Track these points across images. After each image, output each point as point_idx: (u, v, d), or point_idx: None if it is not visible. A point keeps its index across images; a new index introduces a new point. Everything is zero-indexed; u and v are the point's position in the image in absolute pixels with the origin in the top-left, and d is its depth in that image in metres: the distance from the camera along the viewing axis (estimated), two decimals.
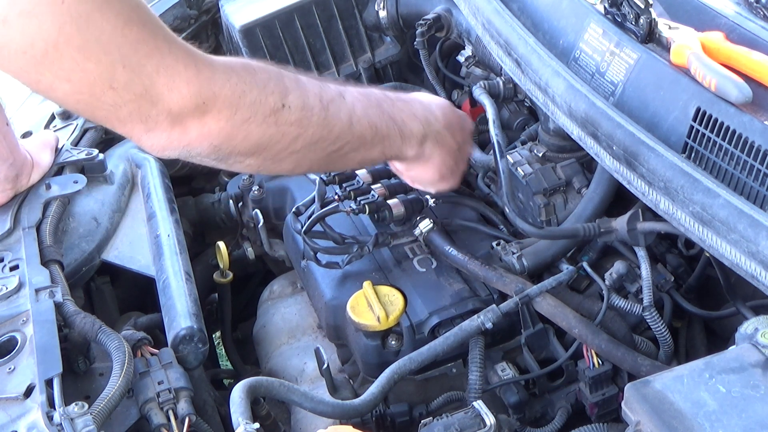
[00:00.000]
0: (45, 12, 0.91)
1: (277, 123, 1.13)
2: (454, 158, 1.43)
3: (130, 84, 0.99)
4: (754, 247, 0.99)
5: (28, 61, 0.94)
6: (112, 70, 0.97)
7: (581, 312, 1.32)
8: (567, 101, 1.26)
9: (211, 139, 1.08)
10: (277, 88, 1.13)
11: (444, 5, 1.82)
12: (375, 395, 1.24)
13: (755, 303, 1.25)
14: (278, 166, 1.21)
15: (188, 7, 2.14)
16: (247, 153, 1.14)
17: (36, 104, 1.93)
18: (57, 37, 0.93)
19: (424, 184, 1.47)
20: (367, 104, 1.26)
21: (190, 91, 1.03)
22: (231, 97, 1.07)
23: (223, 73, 1.07)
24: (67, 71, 0.95)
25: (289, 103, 1.13)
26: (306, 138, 1.17)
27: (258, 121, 1.10)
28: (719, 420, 0.84)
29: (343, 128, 1.21)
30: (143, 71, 0.99)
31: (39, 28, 0.92)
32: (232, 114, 1.07)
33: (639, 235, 1.28)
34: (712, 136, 1.09)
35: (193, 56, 1.05)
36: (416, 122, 1.33)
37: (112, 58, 0.96)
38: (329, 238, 1.48)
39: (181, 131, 1.05)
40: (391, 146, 1.31)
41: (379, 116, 1.27)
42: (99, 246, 1.60)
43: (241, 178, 1.83)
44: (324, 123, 1.18)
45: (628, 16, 1.24)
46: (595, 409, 1.29)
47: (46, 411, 1.15)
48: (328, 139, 1.20)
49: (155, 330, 1.49)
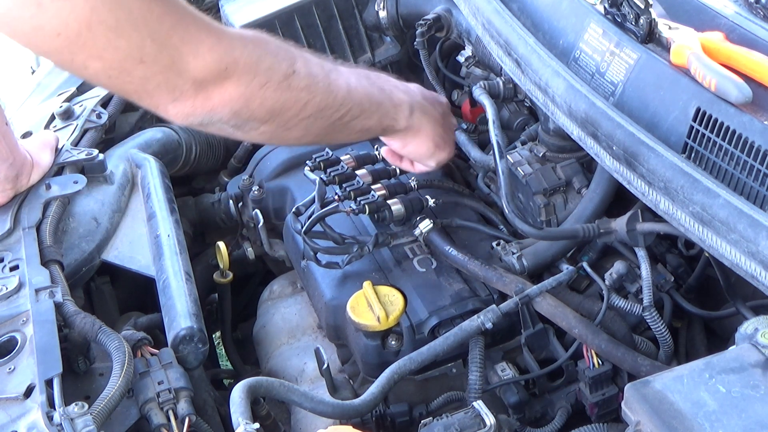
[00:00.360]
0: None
1: (290, 88, 1.19)
2: (442, 126, 1.48)
3: (158, 56, 1.03)
4: (754, 247, 0.99)
5: (62, 42, 0.97)
6: (141, 45, 1.01)
7: (581, 312, 1.32)
8: (567, 101, 1.26)
9: (232, 104, 1.13)
10: (287, 56, 1.20)
11: (444, 5, 1.82)
12: (375, 395, 1.24)
13: (755, 303, 1.25)
14: (289, 133, 1.25)
15: None
16: (263, 119, 1.19)
17: (36, 104, 1.93)
18: (90, 18, 0.96)
19: (423, 158, 1.50)
20: (358, 75, 1.33)
21: (213, 58, 1.08)
22: (249, 63, 1.13)
23: (240, 41, 1.13)
24: (99, 49, 0.99)
25: (298, 70, 1.19)
26: (314, 104, 1.23)
27: (273, 87, 1.16)
28: (719, 420, 0.84)
29: (345, 95, 1.27)
30: (170, 43, 1.04)
31: (72, 9, 0.95)
32: (251, 79, 1.13)
33: (639, 236, 1.28)
34: (712, 136, 1.09)
35: (212, 25, 1.10)
36: (400, 92, 1.40)
37: (141, 33, 1.00)
38: (329, 238, 1.48)
39: (204, 98, 1.10)
40: (387, 114, 1.37)
41: (370, 86, 1.34)
42: (99, 246, 1.59)
43: (241, 178, 1.83)
44: (328, 90, 1.24)
45: (628, 16, 1.24)
46: (595, 409, 1.29)
47: (46, 411, 1.15)
48: (333, 106, 1.26)
49: (155, 330, 1.49)
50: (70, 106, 1.80)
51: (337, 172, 1.53)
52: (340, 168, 1.54)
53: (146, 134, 1.87)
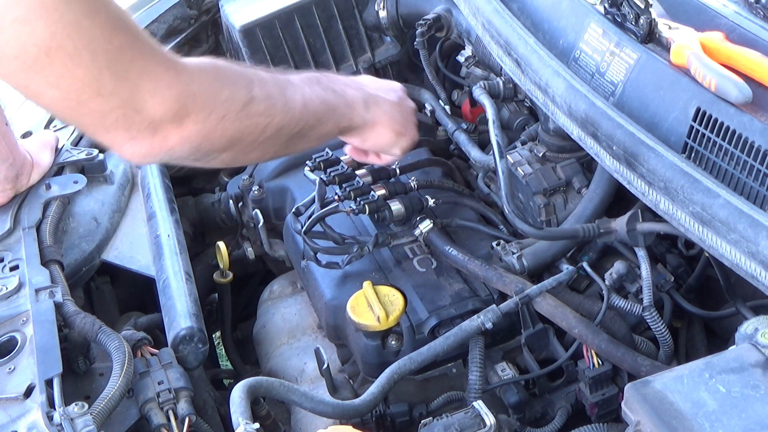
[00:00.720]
0: (38, 19, 0.92)
1: (249, 115, 1.15)
2: (399, 112, 1.45)
3: (116, 89, 0.99)
4: (754, 247, 0.99)
5: (19, 66, 0.95)
6: (99, 76, 0.98)
7: (581, 312, 1.32)
8: (567, 101, 1.26)
9: (191, 141, 1.09)
10: (243, 82, 1.16)
11: (444, 5, 1.82)
12: (375, 395, 1.24)
13: (755, 303, 1.25)
14: (247, 157, 1.25)
15: (188, 7, 2.14)
16: (223, 148, 1.16)
17: (36, 104, 1.92)
18: (49, 43, 0.93)
19: (386, 148, 1.48)
20: (310, 83, 1.30)
21: (172, 96, 1.04)
22: (208, 97, 1.09)
23: (198, 74, 1.09)
24: (56, 77, 0.96)
25: (255, 95, 1.16)
26: (273, 126, 1.20)
27: (232, 118, 1.13)
28: (719, 420, 0.84)
29: (302, 109, 1.25)
30: (129, 77, 1.00)
31: (32, 34, 0.92)
32: (209, 114, 1.09)
33: (639, 236, 1.28)
34: (712, 136, 1.09)
35: (171, 59, 1.06)
36: (352, 90, 1.38)
37: (99, 64, 0.97)
38: (329, 238, 1.48)
39: (162, 138, 1.06)
40: (342, 117, 1.35)
41: (323, 92, 1.31)
42: (99, 246, 1.60)
43: (241, 178, 1.83)
44: (286, 108, 1.22)
45: (628, 16, 1.24)
46: (595, 409, 1.29)
47: (46, 411, 1.15)
48: (291, 123, 1.23)
49: (155, 330, 1.49)
50: None
51: (337, 172, 1.53)
52: (340, 168, 1.54)
53: None
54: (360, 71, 2.04)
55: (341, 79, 1.40)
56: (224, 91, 1.12)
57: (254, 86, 1.17)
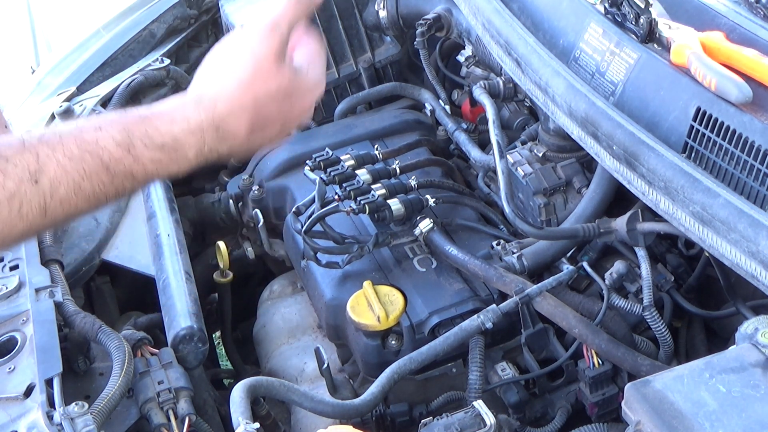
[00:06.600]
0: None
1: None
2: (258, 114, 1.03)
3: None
4: (754, 247, 0.99)
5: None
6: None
7: (581, 312, 1.32)
8: (567, 101, 1.26)
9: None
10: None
11: (444, 5, 1.82)
12: (375, 395, 1.24)
13: (755, 303, 1.25)
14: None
15: (188, 7, 2.14)
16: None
17: (36, 104, 1.93)
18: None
19: (243, 150, 1.07)
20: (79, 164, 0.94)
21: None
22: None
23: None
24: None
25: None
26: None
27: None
28: (719, 420, 0.84)
29: (35, 219, 0.93)
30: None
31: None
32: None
33: (639, 236, 1.28)
34: (712, 135, 1.09)
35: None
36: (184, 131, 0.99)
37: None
38: (329, 238, 1.48)
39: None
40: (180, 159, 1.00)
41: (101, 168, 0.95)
42: (99, 246, 1.60)
43: (241, 177, 1.83)
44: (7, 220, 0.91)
45: (628, 16, 1.24)
46: (595, 409, 1.29)
47: (46, 411, 1.15)
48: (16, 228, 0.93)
49: (155, 330, 1.49)
50: (70, 106, 1.80)
51: (337, 172, 1.53)
52: (340, 168, 1.54)
53: None
54: (360, 71, 2.04)
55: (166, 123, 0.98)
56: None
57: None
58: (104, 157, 0.94)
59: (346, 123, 1.90)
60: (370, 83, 2.05)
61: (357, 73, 2.05)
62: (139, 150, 0.95)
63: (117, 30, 2.10)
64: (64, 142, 0.92)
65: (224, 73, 1.01)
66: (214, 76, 1.02)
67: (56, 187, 0.91)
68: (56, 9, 4.31)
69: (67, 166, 0.92)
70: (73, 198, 0.93)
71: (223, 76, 1.01)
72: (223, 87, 1.00)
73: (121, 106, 1.87)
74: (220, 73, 1.02)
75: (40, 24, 4.35)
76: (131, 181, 0.96)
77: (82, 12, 3.75)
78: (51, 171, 0.91)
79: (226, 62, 1.02)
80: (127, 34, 2.08)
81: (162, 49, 2.08)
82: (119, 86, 1.89)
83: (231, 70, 1.01)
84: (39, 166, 0.90)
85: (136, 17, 2.12)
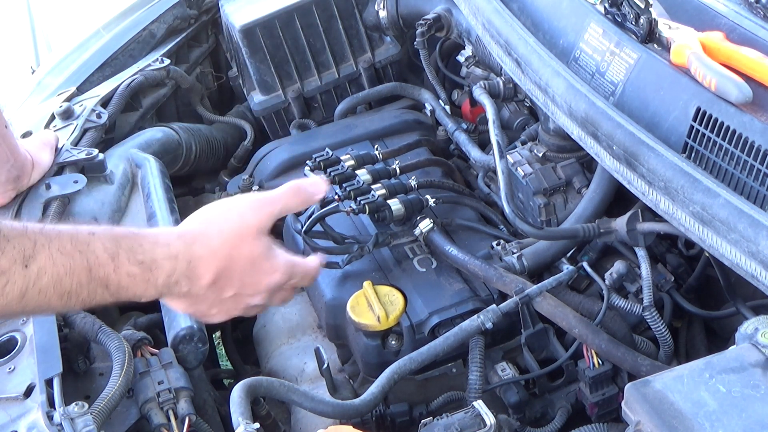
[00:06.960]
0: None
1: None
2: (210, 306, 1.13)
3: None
4: (754, 247, 0.99)
5: None
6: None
7: (581, 312, 1.32)
8: (567, 101, 1.26)
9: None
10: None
11: (444, 5, 1.82)
12: (375, 395, 1.24)
13: (755, 303, 1.25)
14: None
15: (188, 7, 2.14)
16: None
17: (36, 104, 1.93)
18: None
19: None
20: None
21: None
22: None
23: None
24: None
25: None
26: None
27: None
28: (719, 420, 0.84)
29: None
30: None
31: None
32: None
33: (639, 236, 1.28)
34: (712, 135, 1.09)
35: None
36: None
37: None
38: (329, 238, 1.48)
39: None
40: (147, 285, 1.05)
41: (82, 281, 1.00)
42: None
43: (241, 177, 1.83)
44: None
45: (628, 16, 1.24)
46: (595, 409, 1.29)
47: (46, 411, 1.15)
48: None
49: (155, 330, 1.49)
50: (70, 106, 1.80)
51: (337, 172, 1.53)
52: (340, 168, 1.54)
53: (146, 134, 1.87)
54: (360, 71, 2.04)
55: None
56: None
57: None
58: (90, 259, 0.99)
59: (346, 123, 1.90)
60: (370, 83, 2.05)
61: (357, 74, 2.05)
62: (121, 260, 1.01)
63: (117, 30, 2.10)
64: (61, 237, 0.98)
65: (212, 223, 1.12)
66: (204, 222, 1.12)
67: (41, 276, 0.96)
68: (56, 9, 4.31)
69: (56, 259, 0.97)
70: (50, 290, 0.97)
71: (210, 225, 1.12)
72: (207, 233, 1.10)
73: (122, 106, 1.87)
74: (209, 222, 1.12)
75: (40, 24, 4.35)
76: (103, 290, 1.01)
77: (82, 12, 3.75)
78: (42, 259, 0.96)
79: (217, 215, 1.13)
80: (127, 35, 2.08)
81: (162, 49, 2.08)
82: (119, 86, 1.89)
83: (218, 222, 1.12)
84: (33, 253, 0.96)
85: (136, 17, 2.12)
